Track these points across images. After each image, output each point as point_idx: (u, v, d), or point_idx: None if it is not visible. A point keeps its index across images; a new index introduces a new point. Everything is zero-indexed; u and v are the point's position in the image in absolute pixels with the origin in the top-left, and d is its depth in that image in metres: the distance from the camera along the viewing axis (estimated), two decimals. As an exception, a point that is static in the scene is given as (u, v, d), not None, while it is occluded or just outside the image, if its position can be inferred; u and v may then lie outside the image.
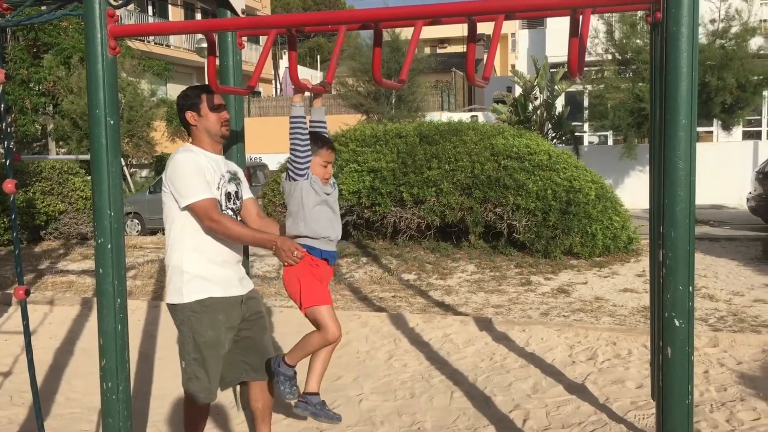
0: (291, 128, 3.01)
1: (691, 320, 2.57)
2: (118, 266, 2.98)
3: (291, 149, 3.04)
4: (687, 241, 2.50)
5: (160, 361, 5.45)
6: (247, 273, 3.47)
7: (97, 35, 2.89)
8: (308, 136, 3.05)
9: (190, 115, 3.23)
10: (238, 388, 4.37)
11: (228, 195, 3.24)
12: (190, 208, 3.10)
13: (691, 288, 2.55)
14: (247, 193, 3.39)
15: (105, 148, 2.92)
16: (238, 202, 3.31)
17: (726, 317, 6.30)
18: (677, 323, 2.53)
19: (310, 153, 3.05)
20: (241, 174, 3.41)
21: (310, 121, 3.22)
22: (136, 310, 6.98)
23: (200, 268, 3.15)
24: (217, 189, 3.17)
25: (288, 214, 3.17)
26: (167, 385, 4.82)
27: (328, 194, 3.14)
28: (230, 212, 3.23)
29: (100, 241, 2.95)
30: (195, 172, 3.10)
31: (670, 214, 2.49)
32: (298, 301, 3.14)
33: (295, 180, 3.08)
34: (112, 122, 2.94)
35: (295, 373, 3.26)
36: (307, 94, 3.07)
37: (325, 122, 3.30)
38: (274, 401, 3.53)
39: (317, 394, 3.21)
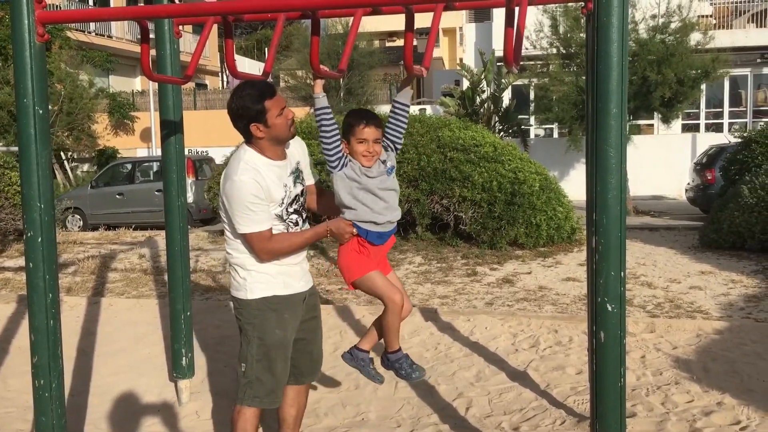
0: (316, 120, 2.94)
1: (623, 305, 2.63)
2: (49, 260, 2.91)
3: (319, 140, 2.96)
4: (619, 227, 2.57)
5: (99, 357, 5.33)
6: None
7: (24, 21, 2.81)
8: (334, 126, 2.94)
9: (255, 128, 2.92)
10: (185, 383, 4.31)
11: (294, 199, 3.06)
12: (244, 236, 2.93)
13: (623, 273, 2.61)
14: (309, 179, 3.24)
15: (34, 138, 2.84)
16: (301, 199, 3.13)
17: (663, 304, 6.48)
18: (609, 308, 2.60)
19: (338, 143, 2.95)
20: (302, 159, 3.18)
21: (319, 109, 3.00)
22: (75, 307, 6.81)
23: (264, 266, 2.98)
24: (280, 205, 2.98)
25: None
26: (107, 382, 4.72)
27: (371, 177, 2.98)
28: (294, 216, 3.05)
29: (29, 234, 2.87)
30: (253, 199, 2.86)
31: (601, 201, 2.55)
32: (346, 279, 3.07)
33: (330, 172, 3.00)
34: (41, 112, 2.86)
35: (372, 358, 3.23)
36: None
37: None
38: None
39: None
